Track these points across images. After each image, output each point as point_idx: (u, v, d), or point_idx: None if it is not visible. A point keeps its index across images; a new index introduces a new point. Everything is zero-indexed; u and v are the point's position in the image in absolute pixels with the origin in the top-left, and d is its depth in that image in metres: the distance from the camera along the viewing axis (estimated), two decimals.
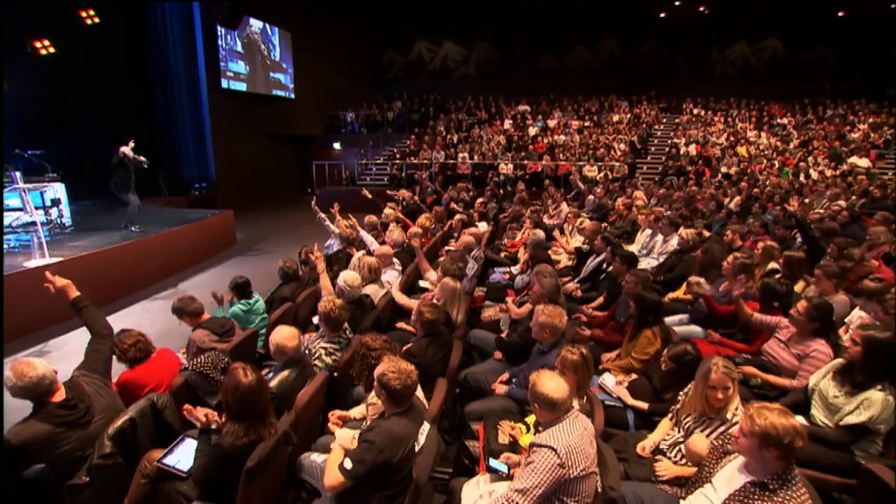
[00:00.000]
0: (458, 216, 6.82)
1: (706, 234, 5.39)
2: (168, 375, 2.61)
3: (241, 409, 1.89)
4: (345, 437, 2.30)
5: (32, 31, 9.59)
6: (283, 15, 14.40)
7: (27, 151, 8.69)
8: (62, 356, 4.71)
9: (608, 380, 2.92)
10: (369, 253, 4.48)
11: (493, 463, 2.08)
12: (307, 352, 2.84)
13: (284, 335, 2.43)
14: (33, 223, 7.47)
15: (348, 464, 1.89)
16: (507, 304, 3.69)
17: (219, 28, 12.17)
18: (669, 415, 2.41)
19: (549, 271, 3.64)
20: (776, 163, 13.82)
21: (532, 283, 3.72)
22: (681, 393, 2.40)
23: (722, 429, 2.19)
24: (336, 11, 16.43)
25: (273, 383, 2.36)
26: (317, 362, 2.82)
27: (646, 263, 4.99)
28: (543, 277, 3.41)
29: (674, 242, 4.73)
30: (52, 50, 9.85)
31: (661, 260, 4.95)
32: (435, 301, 3.35)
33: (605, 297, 4.21)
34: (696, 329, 3.70)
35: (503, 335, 3.50)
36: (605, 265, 4.77)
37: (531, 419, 2.57)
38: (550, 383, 1.90)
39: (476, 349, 3.52)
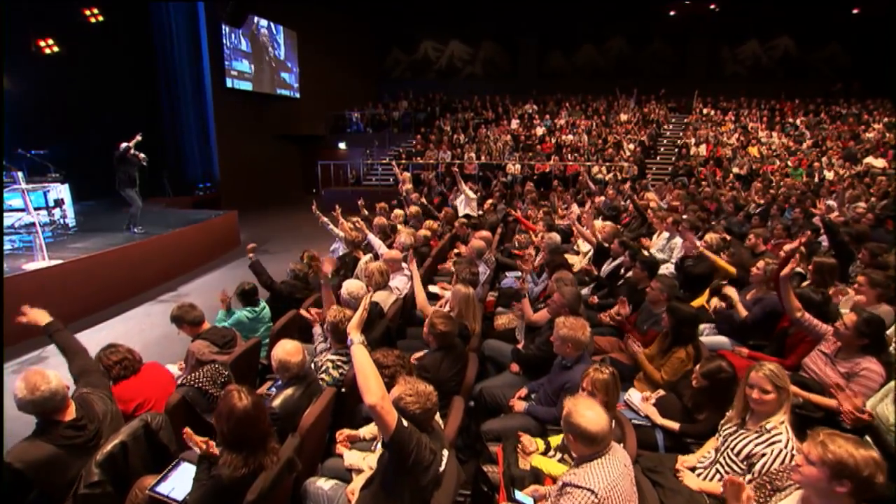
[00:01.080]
0: (462, 219, 6.64)
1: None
2: (158, 390, 2.43)
3: (237, 437, 1.71)
4: (355, 461, 2.13)
5: (36, 30, 9.49)
6: (288, 14, 14.28)
7: (30, 151, 8.61)
8: (61, 363, 4.54)
9: (634, 396, 2.73)
10: (377, 257, 4.30)
11: (518, 496, 1.90)
12: (313, 366, 2.67)
13: (288, 350, 2.25)
14: (33, 224, 7.41)
15: None
16: (523, 306, 3.48)
17: (224, 27, 12.05)
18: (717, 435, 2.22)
19: (569, 279, 3.45)
20: (789, 163, 13.54)
21: (551, 291, 3.54)
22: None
23: (759, 441, 1.99)
24: (342, 10, 16.29)
25: (276, 402, 2.18)
26: (323, 376, 2.64)
27: (664, 268, 4.78)
28: (563, 286, 3.22)
29: (679, 244, 4.53)
30: (56, 49, 9.75)
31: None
32: (448, 310, 3.17)
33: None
34: (722, 340, 3.50)
35: (520, 346, 3.31)
36: (622, 270, 4.59)
37: (554, 440, 2.39)
38: (588, 413, 1.71)
39: (490, 361, 3.33)
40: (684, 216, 5.58)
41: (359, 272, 4.78)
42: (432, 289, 4.53)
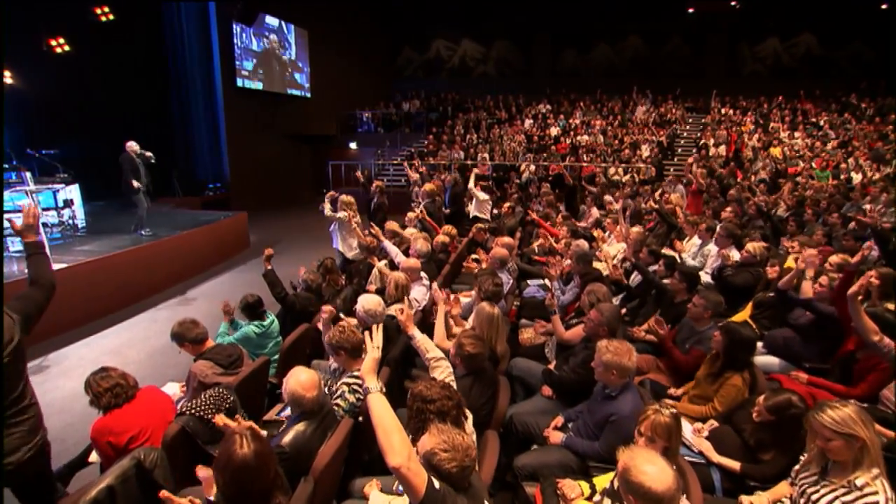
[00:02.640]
0: (479, 224, 6.34)
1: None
2: (156, 418, 2.18)
3: (235, 491, 1.45)
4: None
5: (48, 29, 9.39)
6: (299, 12, 14.09)
7: (40, 151, 8.52)
8: (61, 373, 4.38)
9: (684, 428, 2.43)
10: (393, 265, 4.02)
11: None
12: (326, 390, 2.41)
13: (302, 383, 1.99)
14: (42, 225, 7.28)
15: None
16: (553, 324, 3.19)
17: (234, 26, 11.90)
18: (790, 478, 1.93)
19: (604, 292, 3.16)
20: (814, 164, 13.06)
21: (583, 305, 3.25)
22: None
23: (847, 499, 1.70)
24: (353, 9, 16.09)
25: (286, 439, 1.92)
26: (339, 402, 2.38)
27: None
28: (599, 301, 2.93)
29: (734, 255, 4.20)
30: (67, 48, 9.64)
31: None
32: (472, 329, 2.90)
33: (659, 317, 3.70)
34: (771, 361, 3.19)
35: (551, 366, 3.02)
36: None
37: (599, 480, 2.11)
38: (650, 469, 1.43)
39: (519, 381, 3.04)
40: (716, 222, 5.24)
41: (373, 279, 4.54)
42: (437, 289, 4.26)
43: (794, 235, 5.63)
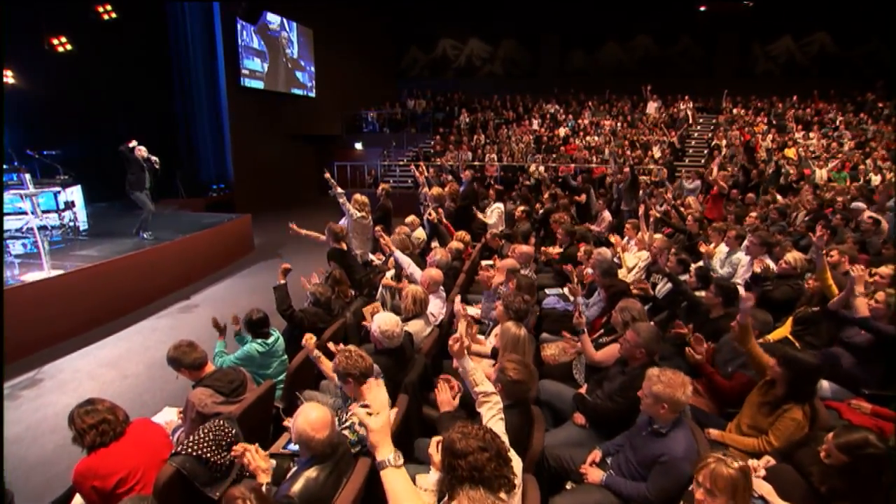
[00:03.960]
0: (492, 230, 6.08)
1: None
2: (148, 457, 1.92)
3: None
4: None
5: (49, 27, 9.20)
6: (304, 11, 13.87)
7: (42, 151, 8.35)
8: (55, 387, 4.15)
9: None
10: (410, 279, 3.75)
11: None
12: (336, 420, 2.16)
13: (312, 422, 1.74)
14: (43, 227, 7.09)
15: None
16: (583, 343, 2.94)
17: (239, 25, 11.70)
18: None
19: (638, 309, 2.90)
20: (830, 166, 12.73)
21: (615, 322, 2.99)
22: None
23: None
24: (359, 8, 15.85)
25: (295, 488, 1.67)
26: (347, 434, 2.13)
27: None
28: (634, 320, 2.67)
29: (771, 266, 3.93)
30: (69, 47, 9.46)
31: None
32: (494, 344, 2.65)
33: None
34: (822, 386, 2.92)
35: (582, 390, 2.77)
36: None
37: None
38: None
39: (547, 407, 2.79)
40: (747, 229, 4.97)
41: (383, 290, 4.29)
42: (469, 310, 4.00)
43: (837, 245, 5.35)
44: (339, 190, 5.14)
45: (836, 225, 6.19)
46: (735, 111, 16.24)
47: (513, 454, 1.63)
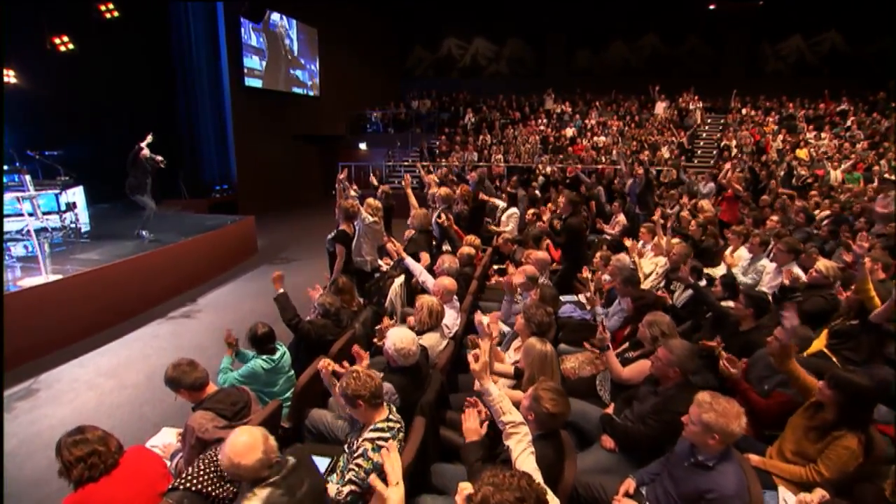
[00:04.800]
0: (504, 235, 5.90)
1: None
2: (141, 492, 1.75)
3: None
4: None
5: (51, 26, 9.07)
6: (308, 10, 13.72)
7: (43, 152, 8.22)
8: (51, 398, 3.99)
9: (788, 499, 1.99)
10: (424, 290, 3.57)
11: None
12: (345, 450, 1.99)
13: (236, 449, 1.61)
14: (43, 229, 6.97)
15: None
16: (608, 360, 2.75)
17: (244, 23, 11.56)
18: None
19: (668, 323, 2.71)
20: (843, 166, 12.49)
21: (643, 338, 2.81)
22: None
23: None
24: (363, 7, 15.69)
25: None
26: (361, 462, 1.96)
27: None
28: (664, 334, 2.49)
29: (800, 274, 3.74)
30: (71, 46, 9.33)
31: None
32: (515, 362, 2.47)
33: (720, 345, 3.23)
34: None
35: (609, 410, 2.59)
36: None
37: None
38: None
39: (571, 427, 2.61)
40: (768, 233, 4.77)
41: (393, 297, 4.12)
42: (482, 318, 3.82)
43: (847, 247, 5.15)
44: (353, 193, 4.98)
45: (859, 229, 6.00)
46: (744, 111, 16.02)
47: (551, 496, 1.45)
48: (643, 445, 2.27)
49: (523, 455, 1.69)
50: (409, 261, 3.70)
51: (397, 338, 2.38)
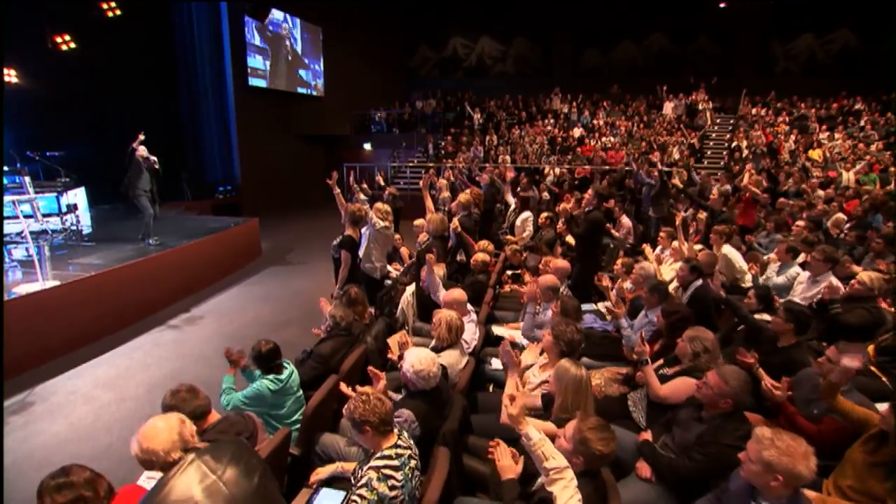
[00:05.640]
0: (513, 244, 5.66)
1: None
2: None
3: None
4: None
5: (52, 25, 8.92)
6: (312, 9, 13.54)
7: (45, 153, 8.08)
8: (46, 412, 3.80)
9: None
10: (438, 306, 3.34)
11: None
12: (352, 480, 1.80)
13: (147, 432, 1.61)
14: (43, 232, 6.81)
15: None
16: (646, 376, 2.53)
17: (247, 22, 11.39)
18: None
19: (711, 341, 2.50)
20: (857, 167, 12.22)
21: (682, 354, 2.59)
22: None
23: None
24: (367, 5, 15.50)
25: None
26: (363, 493, 1.76)
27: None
28: (707, 352, 2.28)
29: (835, 284, 3.51)
30: (72, 45, 9.18)
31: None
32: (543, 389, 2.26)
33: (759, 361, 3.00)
34: None
35: (646, 435, 2.37)
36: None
37: None
38: None
39: None
40: (800, 240, 4.54)
41: (404, 306, 3.92)
42: (498, 330, 3.62)
43: (879, 254, 4.92)
44: (364, 196, 4.78)
45: (887, 233, 5.76)
46: (755, 111, 15.76)
47: None
48: (689, 481, 2.06)
49: (571, 503, 1.49)
50: (431, 276, 3.40)
51: (416, 359, 2.17)
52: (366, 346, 2.96)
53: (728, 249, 4.57)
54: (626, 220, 7.52)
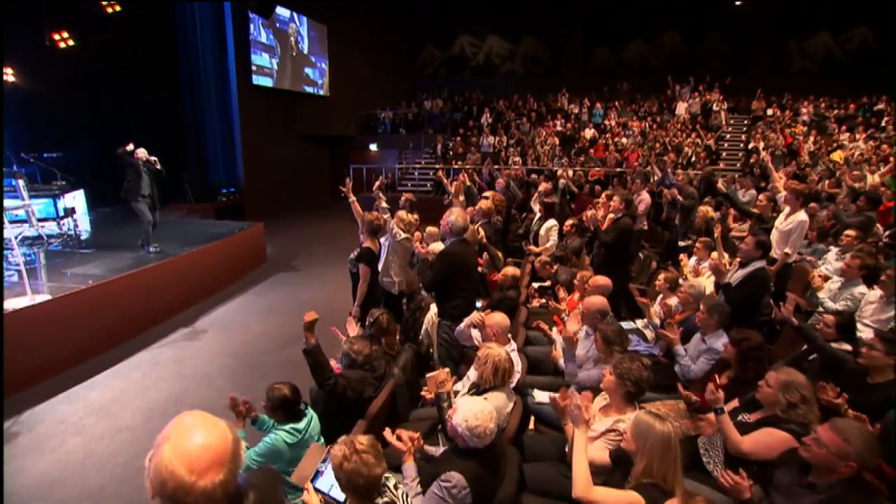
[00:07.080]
0: (543, 257, 5.23)
1: None
2: None
3: None
4: None
5: (51, 22, 8.58)
6: (317, 6, 13.17)
7: (42, 154, 7.75)
8: (32, 445, 3.41)
9: None
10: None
11: None
12: None
13: (187, 458, 0.92)
14: (38, 238, 6.46)
15: None
16: (722, 427, 2.14)
17: (252, 19, 11.02)
18: None
19: (807, 385, 2.10)
20: (883, 170, 11.79)
21: (765, 399, 2.19)
22: None
23: None
24: (373, 2, 15.13)
25: None
26: None
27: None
28: (805, 401, 1.89)
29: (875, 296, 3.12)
30: (71, 43, 8.84)
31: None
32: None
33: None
34: None
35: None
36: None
37: None
38: None
39: None
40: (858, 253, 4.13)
41: (428, 327, 3.53)
42: (539, 396, 3.17)
43: None
44: (385, 205, 4.41)
45: None
46: (770, 111, 15.34)
47: None
48: None
49: None
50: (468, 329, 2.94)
51: (470, 413, 1.77)
52: (394, 381, 2.58)
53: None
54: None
